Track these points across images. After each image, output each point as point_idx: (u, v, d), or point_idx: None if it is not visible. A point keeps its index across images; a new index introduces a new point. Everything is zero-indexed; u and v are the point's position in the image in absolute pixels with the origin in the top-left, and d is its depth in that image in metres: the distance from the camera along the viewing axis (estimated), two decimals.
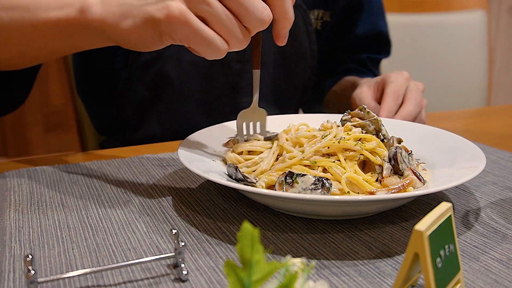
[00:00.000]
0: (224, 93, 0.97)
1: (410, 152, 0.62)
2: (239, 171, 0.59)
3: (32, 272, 0.41)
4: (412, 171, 0.60)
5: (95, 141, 1.18)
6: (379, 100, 0.86)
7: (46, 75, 2.27)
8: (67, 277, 0.44)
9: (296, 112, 1.16)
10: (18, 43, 0.70)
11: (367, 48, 1.15)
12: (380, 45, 1.16)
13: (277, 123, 0.74)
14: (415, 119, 0.82)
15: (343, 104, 1.08)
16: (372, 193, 0.57)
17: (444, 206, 0.40)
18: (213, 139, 0.70)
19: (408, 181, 0.58)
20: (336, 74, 1.15)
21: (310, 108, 1.23)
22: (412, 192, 0.55)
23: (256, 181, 0.59)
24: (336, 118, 0.70)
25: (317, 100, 1.20)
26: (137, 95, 0.96)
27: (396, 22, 1.63)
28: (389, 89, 0.83)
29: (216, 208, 0.60)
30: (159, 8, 0.56)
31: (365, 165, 0.61)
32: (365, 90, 0.88)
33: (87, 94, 1.07)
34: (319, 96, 1.18)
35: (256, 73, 0.67)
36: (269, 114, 0.72)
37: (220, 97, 0.97)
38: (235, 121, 0.71)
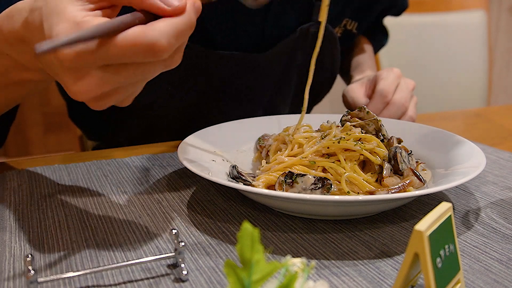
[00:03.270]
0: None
1: (410, 152, 0.62)
2: (236, 169, 0.60)
3: (32, 272, 0.41)
4: (412, 171, 0.60)
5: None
6: (370, 97, 0.88)
7: None
8: (67, 277, 0.44)
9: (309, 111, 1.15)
10: None
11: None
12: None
13: (282, 122, 0.74)
14: (399, 118, 0.84)
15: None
16: (372, 193, 0.57)
17: (444, 206, 0.40)
18: (213, 139, 0.70)
19: (408, 181, 0.58)
20: None
21: None
22: (412, 192, 0.55)
23: (253, 181, 0.59)
24: (336, 118, 0.71)
25: None
26: (129, 130, 0.96)
27: (396, 22, 1.63)
28: (379, 87, 0.85)
29: (216, 208, 0.60)
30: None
31: (365, 165, 0.61)
32: (357, 88, 0.90)
33: (80, 120, 1.06)
34: None
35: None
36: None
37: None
38: (235, 121, 0.73)
